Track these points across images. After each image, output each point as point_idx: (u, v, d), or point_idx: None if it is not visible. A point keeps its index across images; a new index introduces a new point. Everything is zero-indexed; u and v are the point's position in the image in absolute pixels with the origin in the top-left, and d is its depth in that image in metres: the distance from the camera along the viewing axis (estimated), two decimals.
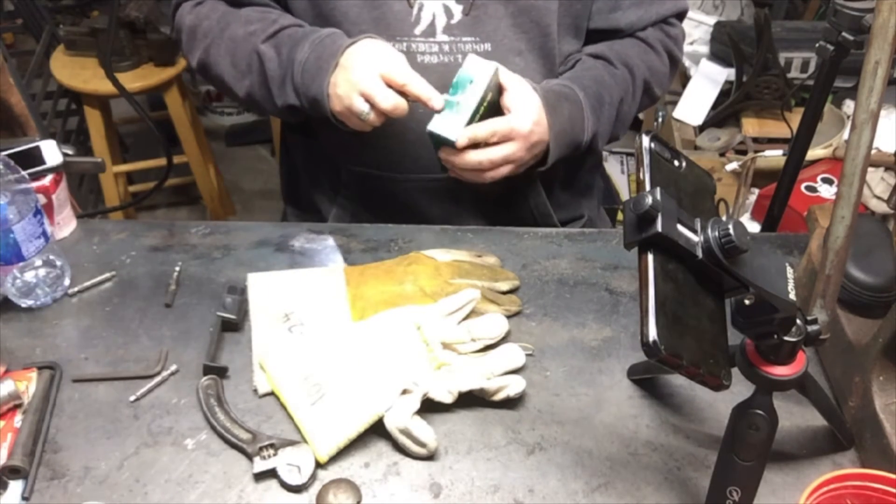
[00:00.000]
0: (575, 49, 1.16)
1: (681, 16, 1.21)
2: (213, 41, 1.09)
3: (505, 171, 1.01)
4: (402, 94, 0.96)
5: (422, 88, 0.96)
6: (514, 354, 0.87)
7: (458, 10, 1.05)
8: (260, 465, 0.77)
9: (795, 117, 1.65)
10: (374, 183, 1.14)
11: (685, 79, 2.59)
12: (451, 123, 0.97)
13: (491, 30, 1.06)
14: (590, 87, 1.09)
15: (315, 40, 1.01)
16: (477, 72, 0.97)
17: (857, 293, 0.87)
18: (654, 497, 0.77)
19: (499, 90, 1.00)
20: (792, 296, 0.62)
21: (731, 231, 0.59)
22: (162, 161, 2.29)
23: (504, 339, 0.91)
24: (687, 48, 2.60)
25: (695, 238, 0.60)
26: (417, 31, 1.05)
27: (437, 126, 0.97)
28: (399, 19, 1.04)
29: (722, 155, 2.39)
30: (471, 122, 0.97)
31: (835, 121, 2.29)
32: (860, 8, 1.23)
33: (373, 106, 0.96)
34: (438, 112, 0.96)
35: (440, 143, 0.99)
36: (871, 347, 0.78)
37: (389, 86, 0.96)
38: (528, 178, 1.11)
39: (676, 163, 0.67)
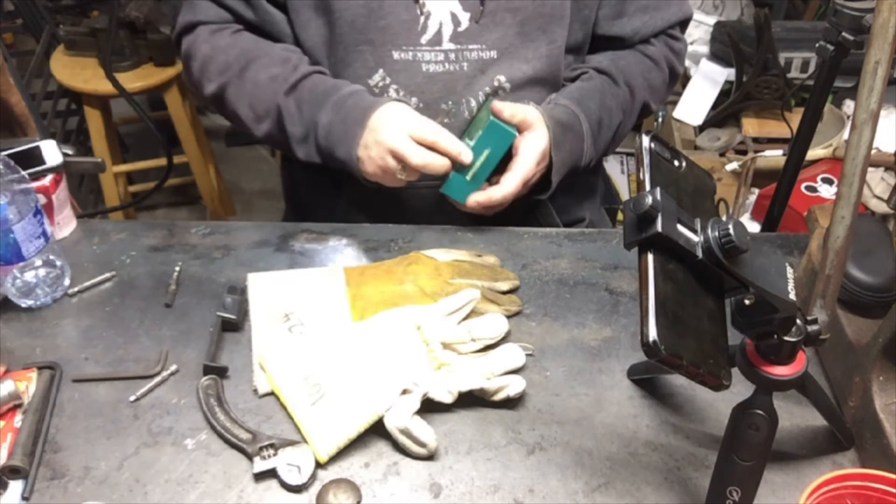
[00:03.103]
0: (580, 56, 1.16)
1: (685, 24, 1.21)
2: (231, 80, 1.08)
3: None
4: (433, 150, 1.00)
5: (451, 145, 1.00)
6: (514, 354, 0.87)
7: (465, 18, 1.05)
8: (260, 465, 0.77)
9: (795, 117, 1.65)
10: (376, 191, 1.14)
11: (685, 79, 2.60)
12: (463, 189, 1.04)
13: (498, 37, 1.06)
14: (593, 114, 1.10)
15: (338, 102, 1.03)
16: (497, 142, 1.02)
17: (857, 293, 0.87)
18: (654, 497, 0.77)
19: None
20: (792, 296, 0.62)
21: (731, 231, 0.59)
22: (162, 161, 2.29)
23: (504, 339, 0.91)
24: (686, 52, 2.60)
25: (695, 238, 0.61)
26: (423, 39, 1.05)
27: (450, 189, 1.04)
28: (406, 28, 1.04)
29: (722, 155, 2.40)
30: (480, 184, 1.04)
31: (835, 121, 2.29)
32: (860, 8, 1.23)
33: (405, 164, 0.99)
34: (466, 165, 1.01)
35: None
36: (871, 347, 0.78)
37: (420, 144, 0.99)
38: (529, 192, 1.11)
39: (676, 163, 0.67)
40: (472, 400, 0.84)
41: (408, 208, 1.14)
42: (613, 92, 1.12)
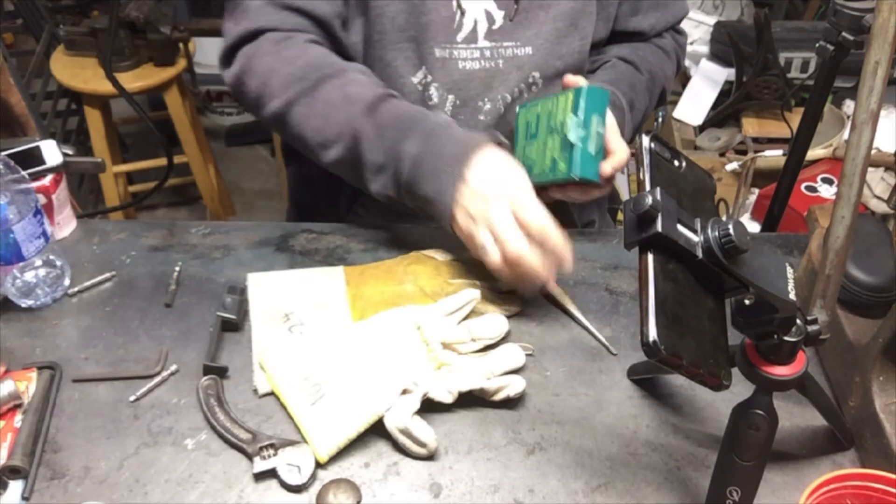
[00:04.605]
0: (599, 50, 1.19)
1: (682, 20, 1.26)
2: (299, 97, 0.97)
3: None
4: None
5: (559, 245, 0.85)
6: (514, 354, 0.87)
7: (499, 16, 1.05)
8: (260, 465, 0.77)
9: (795, 117, 1.65)
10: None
11: (685, 79, 2.60)
12: (592, 164, 0.96)
13: (532, 34, 1.07)
14: (626, 94, 1.11)
15: (427, 131, 0.92)
16: (600, 104, 0.96)
17: (857, 293, 0.87)
18: (654, 497, 0.77)
19: None
20: (792, 296, 0.62)
21: (731, 231, 0.59)
22: (162, 161, 2.29)
23: (504, 339, 0.91)
24: (687, 48, 2.61)
25: (695, 238, 0.61)
26: (459, 37, 1.05)
27: (579, 170, 0.95)
28: (444, 26, 1.04)
29: (722, 155, 2.40)
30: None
31: (835, 121, 2.30)
32: (860, 8, 1.23)
33: (496, 241, 0.86)
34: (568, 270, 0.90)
35: (566, 180, 0.97)
36: (871, 347, 0.78)
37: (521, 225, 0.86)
38: None
39: (676, 163, 0.67)
40: (472, 400, 0.84)
41: (427, 216, 1.12)
42: (639, 78, 1.15)
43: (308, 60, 0.99)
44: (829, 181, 2.15)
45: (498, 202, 0.86)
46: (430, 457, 0.80)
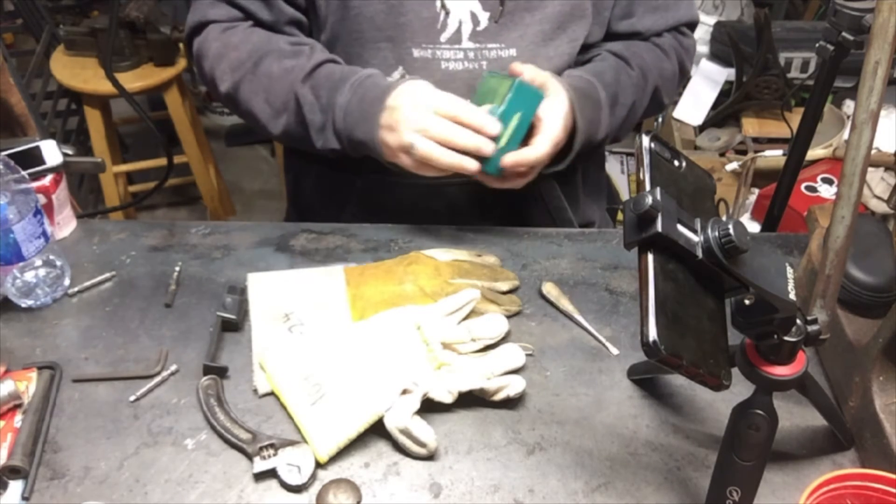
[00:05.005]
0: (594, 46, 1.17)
1: (691, 26, 1.23)
2: (244, 76, 1.05)
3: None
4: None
5: (474, 117, 0.96)
6: (514, 354, 0.87)
7: (484, 18, 1.05)
8: (260, 465, 0.77)
9: (795, 117, 1.65)
10: (394, 188, 1.13)
11: (685, 79, 2.60)
12: (496, 158, 0.97)
13: (517, 37, 1.07)
14: (609, 86, 1.10)
15: (355, 83, 1.00)
16: (527, 104, 0.97)
17: (857, 293, 0.87)
18: (654, 497, 0.77)
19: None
20: (792, 296, 0.62)
21: (731, 231, 0.59)
22: (162, 161, 2.29)
23: (504, 339, 0.91)
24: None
25: (695, 238, 0.60)
26: (443, 38, 1.05)
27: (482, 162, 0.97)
28: (426, 26, 1.04)
29: (722, 155, 2.40)
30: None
31: (835, 121, 2.30)
32: (860, 8, 1.23)
33: (426, 136, 0.95)
34: (493, 136, 0.96)
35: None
36: (871, 347, 0.78)
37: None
38: (544, 177, 1.10)
39: (676, 163, 0.67)
40: (472, 400, 0.84)
41: (425, 208, 1.13)
42: (627, 72, 1.13)
43: (251, 43, 1.06)
44: (829, 181, 2.15)
45: (412, 106, 0.96)
46: (430, 457, 0.80)
